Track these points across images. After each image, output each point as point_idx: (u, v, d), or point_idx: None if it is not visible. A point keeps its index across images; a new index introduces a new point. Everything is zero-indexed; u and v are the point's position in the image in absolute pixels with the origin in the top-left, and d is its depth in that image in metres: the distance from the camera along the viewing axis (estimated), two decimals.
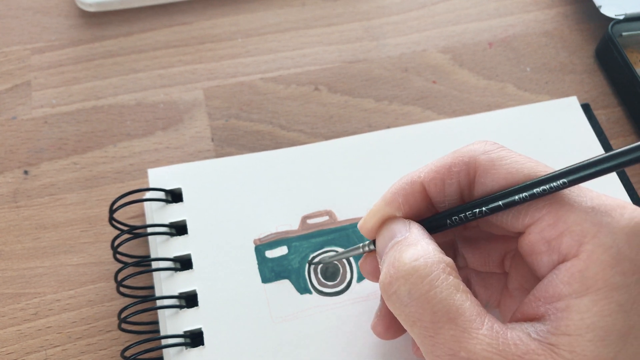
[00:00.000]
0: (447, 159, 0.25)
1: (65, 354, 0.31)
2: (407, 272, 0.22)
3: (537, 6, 0.45)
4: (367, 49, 0.42)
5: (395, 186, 0.26)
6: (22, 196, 0.35)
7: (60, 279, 0.32)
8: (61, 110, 0.38)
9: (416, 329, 0.22)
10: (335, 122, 0.39)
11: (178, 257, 0.31)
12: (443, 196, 0.25)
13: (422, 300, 0.21)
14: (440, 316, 0.21)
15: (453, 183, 0.24)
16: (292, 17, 0.43)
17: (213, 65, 0.40)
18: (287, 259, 0.32)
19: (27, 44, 0.40)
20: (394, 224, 0.25)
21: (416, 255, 0.22)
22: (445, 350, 0.21)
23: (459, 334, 0.21)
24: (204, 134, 0.38)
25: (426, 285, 0.21)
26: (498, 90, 0.41)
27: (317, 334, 0.30)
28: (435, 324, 0.21)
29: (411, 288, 0.22)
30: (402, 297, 0.22)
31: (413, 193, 0.25)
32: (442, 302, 0.21)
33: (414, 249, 0.23)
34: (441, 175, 0.25)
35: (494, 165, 0.23)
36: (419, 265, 0.22)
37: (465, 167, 0.24)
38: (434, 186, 0.25)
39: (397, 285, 0.22)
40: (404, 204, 0.25)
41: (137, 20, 0.42)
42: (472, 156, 0.24)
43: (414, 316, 0.22)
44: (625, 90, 0.40)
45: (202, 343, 0.29)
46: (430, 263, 0.22)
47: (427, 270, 0.22)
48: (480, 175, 0.24)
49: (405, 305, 0.22)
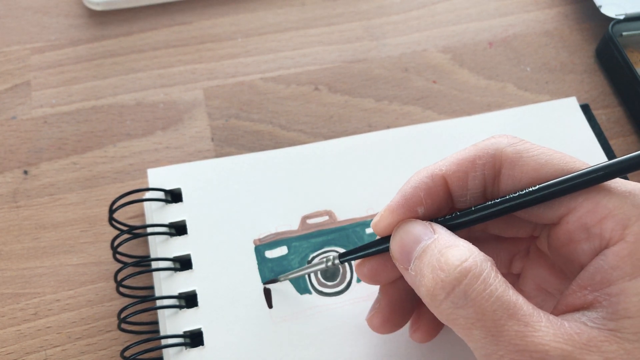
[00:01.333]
0: (469, 151, 0.24)
1: (65, 354, 0.31)
2: (460, 273, 0.21)
3: (538, 6, 0.45)
4: (367, 48, 0.42)
5: (414, 180, 0.25)
6: (22, 196, 0.35)
7: (59, 279, 0.32)
8: (61, 110, 0.38)
9: (476, 331, 0.21)
10: (335, 122, 0.39)
11: (178, 257, 0.31)
12: (465, 190, 0.24)
13: (480, 299, 0.21)
14: (501, 313, 0.20)
15: (477, 176, 0.24)
16: (292, 17, 0.43)
17: (213, 65, 0.40)
18: (287, 259, 0.32)
19: (27, 43, 0.40)
20: (412, 227, 0.24)
21: (463, 255, 0.22)
22: (511, 348, 0.20)
23: (522, 328, 0.20)
24: (203, 134, 0.38)
25: (481, 285, 0.21)
26: (498, 90, 0.41)
27: (317, 334, 0.30)
28: (497, 322, 0.20)
29: (467, 289, 0.21)
30: (458, 300, 0.21)
31: (435, 187, 0.24)
32: (500, 299, 0.20)
33: (456, 250, 0.22)
34: (464, 168, 0.24)
35: (521, 157, 0.23)
36: (469, 265, 0.21)
37: (491, 160, 0.24)
38: (457, 180, 0.24)
39: (450, 290, 0.21)
40: (426, 198, 0.24)
41: (137, 20, 0.42)
42: (497, 148, 0.24)
43: (474, 318, 0.21)
44: (626, 90, 0.40)
45: (202, 343, 0.29)
46: (479, 262, 0.21)
47: (479, 270, 0.21)
48: (507, 167, 0.23)
49: (462, 308, 0.21)
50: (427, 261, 0.22)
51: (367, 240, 0.32)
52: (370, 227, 0.26)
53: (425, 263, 0.22)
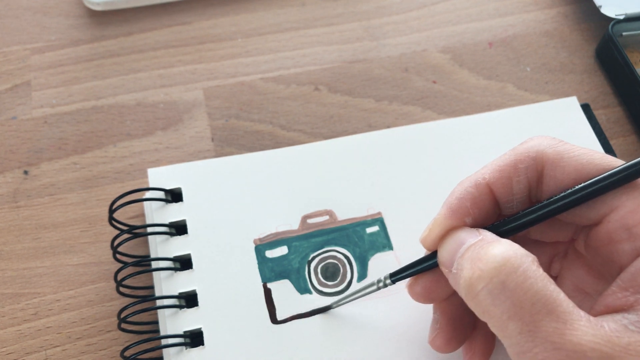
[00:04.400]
0: (509, 156, 0.24)
1: (65, 354, 0.31)
2: (498, 263, 0.21)
3: (537, 6, 0.45)
4: (367, 49, 0.42)
5: (458, 191, 0.25)
6: (22, 196, 0.35)
7: (60, 279, 0.32)
8: (61, 110, 0.38)
9: (512, 325, 0.20)
10: (335, 122, 0.39)
11: (178, 257, 0.31)
12: (511, 195, 0.24)
13: (518, 291, 0.20)
14: (539, 308, 0.20)
15: (522, 180, 0.24)
16: (292, 17, 0.43)
17: (213, 65, 0.40)
18: (287, 258, 0.32)
19: (27, 44, 0.40)
20: (460, 232, 0.24)
21: (503, 248, 0.21)
22: (547, 345, 0.19)
23: (561, 325, 0.19)
24: (204, 134, 0.38)
25: (521, 276, 0.20)
26: (498, 90, 0.41)
27: (317, 333, 0.30)
28: (535, 316, 0.20)
29: (505, 280, 0.20)
30: (495, 291, 0.20)
31: (480, 196, 0.24)
32: (539, 293, 0.20)
33: (498, 244, 0.22)
34: (507, 173, 0.24)
35: (562, 158, 0.23)
36: (509, 256, 0.21)
37: (533, 163, 0.24)
38: (502, 186, 0.24)
39: (489, 279, 0.21)
40: (473, 208, 0.24)
41: (137, 20, 0.42)
42: (538, 150, 0.24)
43: (511, 310, 0.20)
44: (626, 90, 0.40)
45: (202, 343, 0.29)
46: (519, 255, 0.21)
47: (518, 261, 0.21)
48: (549, 168, 0.23)
49: (499, 300, 0.20)
50: (468, 256, 0.22)
51: (368, 240, 0.32)
52: (419, 242, 0.26)
53: (466, 258, 0.22)
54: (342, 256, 0.32)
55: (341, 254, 0.32)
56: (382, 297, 0.31)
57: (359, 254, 0.32)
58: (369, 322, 0.30)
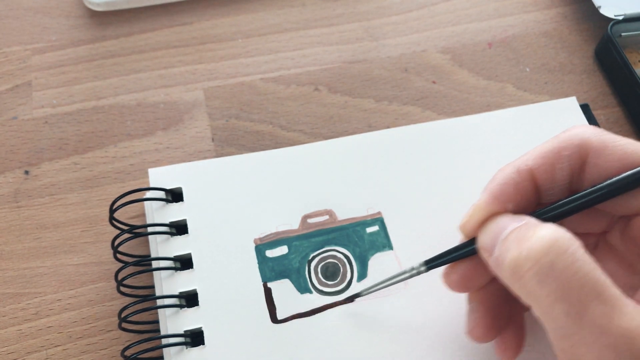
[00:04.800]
0: (552, 143, 0.24)
1: (65, 353, 0.31)
2: (547, 243, 0.20)
3: (537, 6, 0.45)
4: (367, 49, 0.42)
5: (500, 177, 0.24)
6: (23, 196, 0.35)
7: (60, 279, 0.33)
8: (62, 110, 0.38)
9: (559, 307, 0.20)
10: (335, 122, 0.39)
11: (178, 257, 0.31)
12: (553, 182, 0.24)
13: (567, 272, 0.20)
14: (587, 290, 0.19)
15: (565, 167, 0.24)
16: (292, 18, 0.43)
17: (213, 66, 0.41)
18: (288, 258, 0.32)
19: (28, 44, 0.41)
20: (502, 217, 0.23)
21: (552, 230, 0.21)
22: (594, 329, 0.19)
23: (609, 309, 0.19)
24: (204, 134, 0.38)
25: (569, 258, 0.20)
26: (498, 91, 0.41)
27: (317, 333, 0.30)
28: (583, 299, 0.19)
29: (554, 260, 0.20)
30: (543, 272, 0.20)
31: (523, 182, 0.24)
32: (588, 276, 0.19)
33: (545, 227, 0.21)
34: (550, 160, 0.24)
35: (607, 147, 0.23)
36: (558, 237, 0.20)
37: (577, 150, 0.23)
38: (544, 172, 0.24)
39: (536, 259, 0.20)
40: (515, 194, 0.24)
41: (138, 20, 0.42)
42: (582, 138, 0.23)
43: (558, 292, 0.19)
44: (625, 91, 0.41)
45: (203, 342, 0.29)
46: (568, 237, 0.20)
47: (567, 243, 0.20)
48: (593, 156, 0.23)
49: (546, 281, 0.20)
50: (513, 237, 0.22)
51: (368, 240, 0.32)
52: (459, 229, 0.26)
53: (511, 239, 0.22)
54: (342, 256, 0.32)
55: (341, 254, 0.32)
56: (382, 297, 0.31)
57: (359, 253, 0.32)
58: (369, 322, 0.30)
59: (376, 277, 0.31)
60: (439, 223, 0.32)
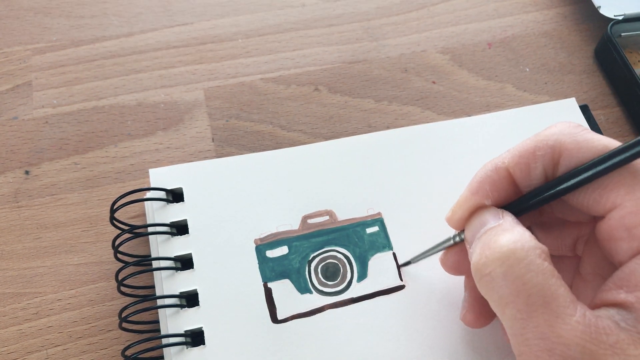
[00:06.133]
0: (530, 142, 0.25)
1: (66, 353, 0.31)
2: (503, 254, 0.22)
3: (536, 7, 0.45)
4: (367, 49, 0.42)
5: (479, 174, 0.26)
6: (23, 196, 0.35)
7: (61, 279, 0.33)
8: (62, 110, 0.38)
9: (508, 311, 0.22)
10: (335, 122, 0.39)
11: (179, 257, 0.31)
12: (529, 180, 0.25)
13: (517, 282, 0.21)
14: (534, 299, 0.21)
15: (538, 167, 0.25)
16: (292, 18, 0.43)
17: (213, 66, 0.41)
18: (288, 258, 0.32)
19: (28, 44, 0.41)
20: (485, 213, 0.25)
21: (513, 239, 0.22)
22: (537, 334, 0.21)
23: (552, 318, 0.21)
24: (204, 134, 0.38)
25: (522, 269, 0.21)
26: (497, 91, 0.41)
27: (317, 333, 0.30)
28: (530, 306, 0.21)
29: (507, 270, 0.22)
30: (497, 278, 0.22)
31: (500, 179, 0.25)
32: (537, 286, 0.21)
33: (510, 233, 0.23)
34: (525, 159, 0.25)
35: (580, 148, 0.23)
36: (515, 248, 0.22)
37: (550, 151, 0.24)
38: (520, 171, 0.25)
39: (493, 267, 0.22)
40: (492, 191, 0.25)
41: (138, 20, 0.42)
42: (557, 139, 0.24)
43: (508, 298, 0.22)
44: (624, 91, 0.41)
45: (203, 342, 0.29)
46: (527, 247, 0.22)
47: (523, 254, 0.22)
48: (565, 158, 0.24)
49: (500, 286, 0.22)
50: (483, 240, 0.24)
51: (368, 240, 0.32)
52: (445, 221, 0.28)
53: (481, 242, 0.24)
54: (342, 256, 0.32)
55: (341, 254, 0.32)
56: (383, 297, 0.31)
57: (359, 254, 0.32)
58: (369, 322, 0.30)
59: (376, 277, 0.31)
60: (439, 223, 0.32)
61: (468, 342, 0.30)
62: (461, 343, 0.30)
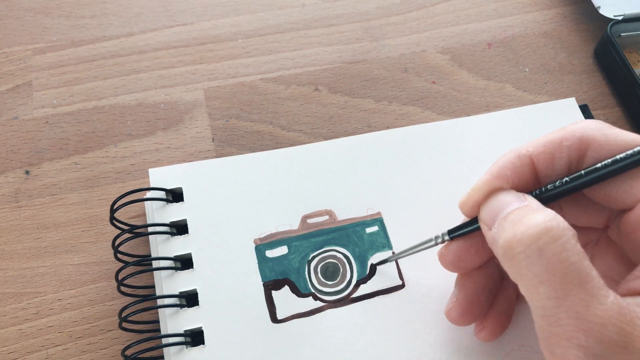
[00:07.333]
0: (556, 134, 0.25)
1: (66, 353, 0.31)
2: (540, 231, 0.22)
3: (536, 7, 0.45)
4: (367, 49, 0.42)
5: (501, 161, 0.26)
6: (24, 196, 0.35)
7: (61, 279, 0.33)
8: (62, 110, 0.38)
9: (543, 289, 0.21)
10: (335, 123, 0.39)
11: (179, 257, 0.31)
12: (551, 171, 0.25)
13: (554, 260, 0.21)
14: (571, 278, 0.21)
15: (563, 157, 0.25)
16: (292, 18, 0.43)
17: (213, 66, 0.41)
18: (288, 258, 0.32)
19: (29, 44, 0.41)
20: (506, 194, 0.25)
21: (548, 218, 0.22)
22: (571, 314, 0.20)
23: (589, 298, 0.20)
24: (204, 134, 0.38)
25: (559, 247, 0.21)
26: (497, 91, 0.41)
27: (317, 333, 0.30)
28: (566, 285, 0.21)
29: (543, 247, 0.21)
30: (533, 255, 0.21)
31: (522, 167, 0.25)
32: (574, 265, 0.21)
33: (543, 213, 0.23)
34: (550, 149, 0.25)
35: (608, 142, 0.24)
36: (552, 226, 0.22)
37: (577, 142, 0.24)
38: (543, 160, 0.25)
39: (528, 243, 0.22)
40: (513, 177, 0.25)
41: (138, 20, 0.42)
42: (585, 132, 0.24)
43: (543, 276, 0.21)
44: (624, 91, 0.41)
45: (203, 342, 0.29)
46: (562, 227, 0.22)
47: (560, 232, 0.22)
48: (593, 150, 0.24)
49: (535, 264, 0.21)
50: (511, 218, 0.23)
51: (367, 240, 0.32)
52: (458, 207, 0.27)
53: (509, 220, 0.23)
54: (342, 256, 0.32)
55: (341, 254, 0.32)
56: (382, 297, 0.31)
57: (358, 253, 0.32)
58: (369, 322, 0.30)
59: (376, 277, 0.31)
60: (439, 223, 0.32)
61: (468, 341, 0.30)
62: (461, 343, 0.30)
